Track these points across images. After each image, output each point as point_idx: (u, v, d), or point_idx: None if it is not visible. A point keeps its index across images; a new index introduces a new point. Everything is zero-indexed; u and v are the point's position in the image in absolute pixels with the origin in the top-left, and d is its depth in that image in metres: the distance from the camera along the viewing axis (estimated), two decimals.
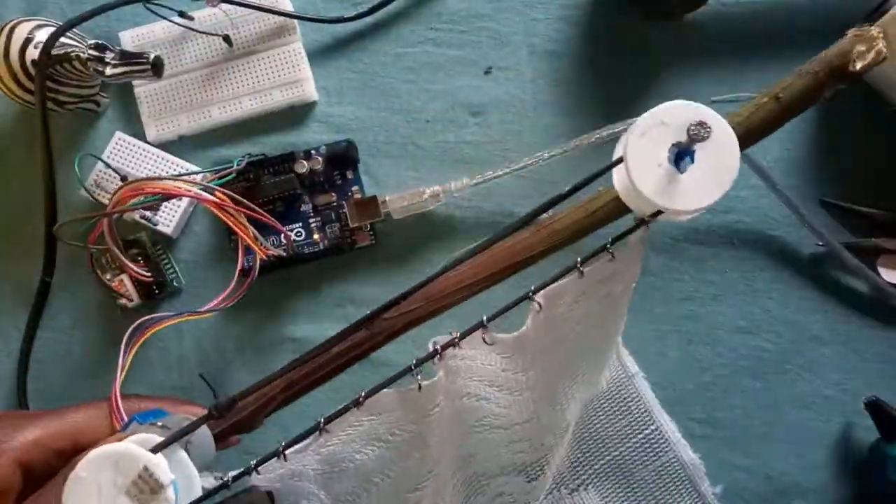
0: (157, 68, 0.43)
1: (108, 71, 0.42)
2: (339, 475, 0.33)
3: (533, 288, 0.31)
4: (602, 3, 0.48)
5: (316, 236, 0.47)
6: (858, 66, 0.31)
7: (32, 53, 0.42)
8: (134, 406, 0.35)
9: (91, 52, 0.42)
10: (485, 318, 0.31)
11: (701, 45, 0.47)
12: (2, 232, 0.48)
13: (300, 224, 0.47)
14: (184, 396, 0.47)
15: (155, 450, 0.28)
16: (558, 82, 0.48)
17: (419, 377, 0.30)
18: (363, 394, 0.30)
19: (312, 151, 0.47)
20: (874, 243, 0.45)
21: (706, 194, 0.29)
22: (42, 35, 0.43)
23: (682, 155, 0.29)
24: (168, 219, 0.46)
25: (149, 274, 0.45)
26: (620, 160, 0.30)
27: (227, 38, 0.47)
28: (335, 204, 0.47)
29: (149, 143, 0.47)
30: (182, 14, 0.45)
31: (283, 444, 0.30)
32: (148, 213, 0.45)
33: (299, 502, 0.33)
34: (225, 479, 0.29)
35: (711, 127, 0.28)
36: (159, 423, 0.30)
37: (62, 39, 0.42)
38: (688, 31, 0.47)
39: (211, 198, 0.39)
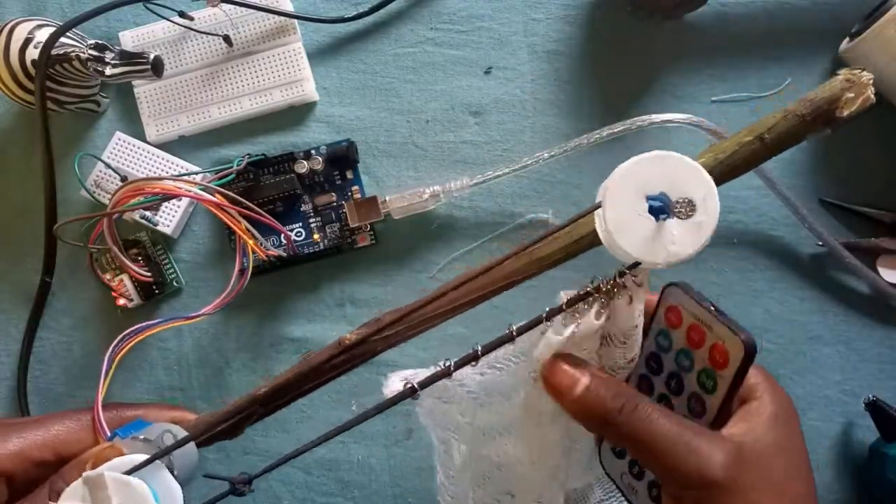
0: (157, 68, 0.43)
1: (108, 71, 0.42)
2: (488, 408, 0.34)
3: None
4: (602, 3, 0.48)
5: (316, 236, 0.47)
6: (845, 112, 0.31)
7: (32, 53, 0.42)
8: (116, 416, 0.35)
9: (91, 52, 0.42)
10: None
11: (701, 45, 0.47)
12: (2, 232, 0.48)
13: (300, 224, 0.47)
14: (182, 396, 0.47)
15: (132, 471, 0.29)
16: (558, 82, 0.48)
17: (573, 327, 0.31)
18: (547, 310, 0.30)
19: (312, 151, 0.47)
20: (874, 243, 0.45)
21: (680, 249, 0.29)
22: (42, 35, 0.43)
23: (661, 210, 0.29)
24: (168, 219, 0.46)
25: (149, 274, 0.45)
26: (599, 205, 0.30)
27: (227, 38, 0.47)
28: (335, 204, 0.47)
29: (149, 143, 0.47)
30: (182, 14, 0.45)
31: (480, 348, 0.30)
32: (148, 214, 0.45)
33: (438, 431, 0.34)
34: (410, 383, 0.30)
35: (696, 204, 0.28)
36: (141, 437, 0.31)
37: (62, 39, 0.42)
38: (688, 31, 0.47)
39: (211, 198, 0.39)
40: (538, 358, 0.31)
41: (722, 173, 0.32)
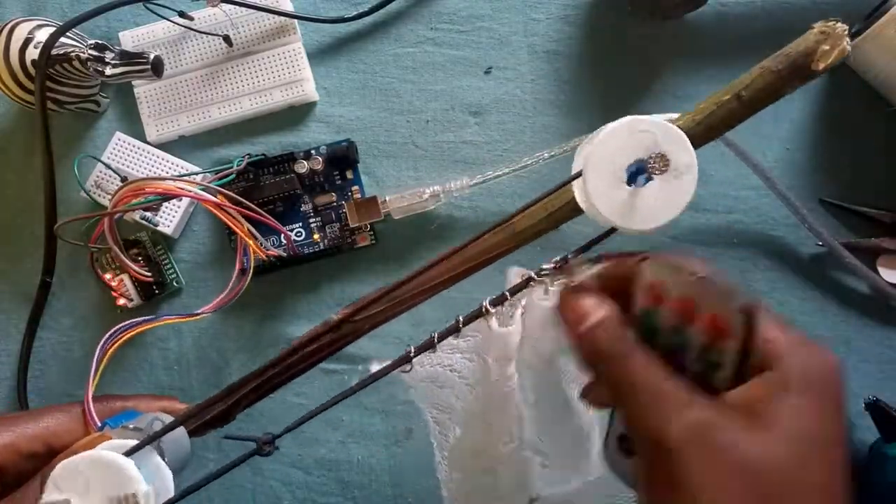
0: (157, 68, 0.43)
1: (108, 71, 0.42)
2: (476, 394, 0.35)
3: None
4: (602, 3, 0.48)
5: (316, 236, 0.47)
6: (821, 66, 0.30)
7: (32, 53, 0.42)
8: (105, 407, 0.35)
9: (91, 52, 0.42)
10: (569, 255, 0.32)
11: (701, 45, 0.47)
12: (2, 232, 0.48)
13: (300, 224, 0.47)
14: (182, 396, 0.47)
15: (128, 454, 0.29)
16: (558, 82, 0.48)
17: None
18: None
19: (312, 151, 0.47)
20: (874, 243, 0.45)
21: (661, 214, 0.29)
22: (42, 35, 0.43)
23: (639, 173, 0.29)
24: (168, 219, 0.46)
25: (149, 274, 0.45)
26: (579, 174, 0.30)
27: (227, 38, 0.47)
28: (335, 204, 0.47)
29: (149, 143, 0.47)
30: (182, 14, 0.45)
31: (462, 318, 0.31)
32: (148, 214, 0.45)
33: (434, 412, 0.35)
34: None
35: (671, 158, 0.29)
36: (131, 426, 0.31)
37: (62, 39, 0.42)
38: (688, 31, 0.47)
39: (211, 198, 0.39)
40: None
41: (699, 135, 0.31)
